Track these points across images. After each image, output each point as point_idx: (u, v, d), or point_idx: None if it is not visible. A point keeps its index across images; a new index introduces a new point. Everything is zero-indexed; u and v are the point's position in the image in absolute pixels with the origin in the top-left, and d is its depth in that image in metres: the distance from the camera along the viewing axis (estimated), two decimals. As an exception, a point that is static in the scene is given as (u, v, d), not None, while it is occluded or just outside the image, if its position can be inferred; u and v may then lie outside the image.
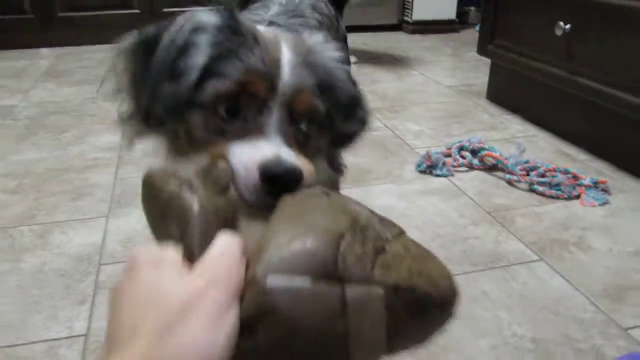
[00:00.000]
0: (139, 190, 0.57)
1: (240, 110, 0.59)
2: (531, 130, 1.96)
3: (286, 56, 0.60)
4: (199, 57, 0.58)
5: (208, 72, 0.58)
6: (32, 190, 1.56)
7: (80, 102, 2.33)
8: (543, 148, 1.81)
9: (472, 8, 3.91)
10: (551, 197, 1.48)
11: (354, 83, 0.72)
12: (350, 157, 1.72)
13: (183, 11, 0.65)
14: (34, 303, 1.09)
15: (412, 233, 1.36)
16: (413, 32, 3.73)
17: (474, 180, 1.59)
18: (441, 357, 0.95)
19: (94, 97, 2.37)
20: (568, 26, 1.69)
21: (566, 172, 1.53)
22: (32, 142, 1.91)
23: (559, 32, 1.71)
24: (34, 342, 0.99)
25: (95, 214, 1.42)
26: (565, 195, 1.47)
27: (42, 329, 1.02)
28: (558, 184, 1.49)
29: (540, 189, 1.50)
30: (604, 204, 1.44)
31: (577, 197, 1.47)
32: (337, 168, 0.77)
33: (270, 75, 0.59)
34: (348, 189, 1.52)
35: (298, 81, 0.60)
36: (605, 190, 1.49)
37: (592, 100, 1.66)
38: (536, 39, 1.86)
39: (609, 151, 1.69)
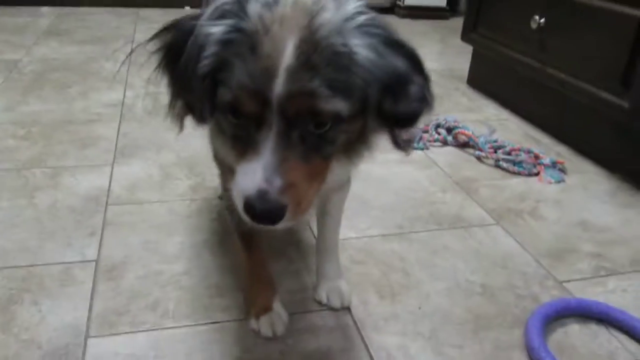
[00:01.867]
0: (141, 143, 0.66)
1: (246, 122, 0.60)
2: (504, 114, 2.13)
3: (287, 57, 0.57)
4: (204, 68, 0.60)
5: (219, 80, 0.60)
6: (41, 138, 1.69)
7: (82, 61, 2.45)
8: (513, 131, 1.98)
9: (462, -4, 4.05)
10: (514, 173, 1.65)
11: (409, 57, 0.66)
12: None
13: None
14: (49, 233, 1.24)
15: (389, 195, 1.56)
16: (405, 16, 3.86)
17: (446, 155, 1.75)
18: (403, 295, 1.11)
19: (96, 57, 2.49)
20: (542, 20, 1.84)
21: (529, 151, 1.70)
22: (38, 95, 2.03)
23: (534, 25, 1.87)
24: (51, 264, 1.14)
25: (101, 162, 1.56)
26: (526, 172, 1.64)
27: (58, 253, 1.17)
28: (521, 162, 1.66)
29: (505, 165, 1.66)
30: (559, 182, 1.62)
31: (537, 174, 1.64)
32: (400, 146, 0.72)
33: (263, 87, 0.57)
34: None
35: (294, 87, 0.56)
36: (562, 170, 1.67)
37: (558, 90, 1.83)
38: (514, 30, 2.01)
39: (571, 136, 1.86)
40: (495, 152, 1.71)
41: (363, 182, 1.54)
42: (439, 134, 1.83)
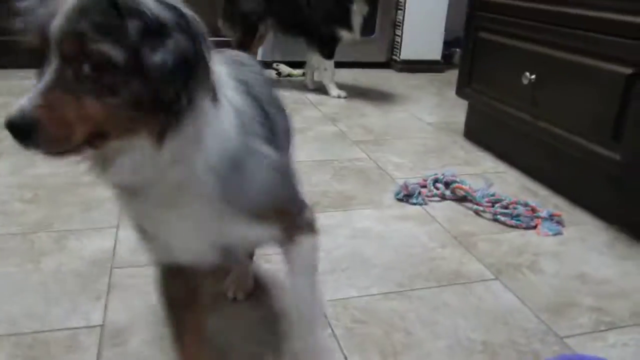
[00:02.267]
0: None
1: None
2: (501, 166, 2.17)
3: (66, 4, 0.62)
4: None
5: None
6: (47, 201, 1.73)
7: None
8: (510, 183, 2.01)
9: (457, 50, 4.17)
10: (512, 226, 1.67)
11: (177, 14, 0.65)
12: (336, 185, 1.90)
13: None
14: (55, 297, 1.25)
15: (388, 253, 1.59)
16: (401, 70, 3.97)
17: (444, 209, 1.78)
18: (405, 354, 1.12)
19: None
20: (533, 76, 1.91)
21: (526, 204, 1.73)
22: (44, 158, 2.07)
23: (525, 81, 1.93)
24: (56, 330, 1.15)
25: (106, 224, 1.59)
26: (524, 225, 1.67)
27: (64, 319, 1.18)
28: (518, 215, 1.69)
29: (503, 219, 1.69)
30: (556, 234, 1.64)
31: (535, 227, 1.67)
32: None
33: (43, 28, 0.63)
34: (333, 212, 1.71)
35: (65, 28, 0.61)
36: (560, 223, 1.69)
37: (552, 143, 1.87)
38: (507, 85, 2.08)
39: (567, 188, 1.89)
40: (493, 205, 1.74)
41: (363, 239, 1.57)
42: (437, 188, 1.86)
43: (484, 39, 2.22)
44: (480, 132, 2.40)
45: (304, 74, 3.53)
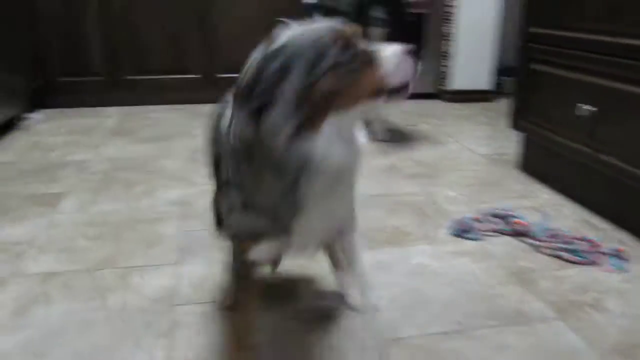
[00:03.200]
0: (203, 242, 0.71)
1: None
2: (558, 199, 2.13)
3: None
4: None
5: None
6: (110, 237, 1.79)
7: (145, 159, 2.60)
8: (568, 216, 1.96)
9: (507, 78, 4.13)
10: (574, 262, 1.63)
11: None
12: (390, 220, 1.90)
13: (236, 77, 0.86)
14: (120, 335, 1.29)
15: (446, 289, 1.57)
16: (450, 100, 3.96)
17: (502, 245, 1.75)
18: (467, 397, 1.10)
19: (158, 155, 2.65)
20: (592, 108, 1.87)
21: (583, 239, 1.69)
22: (107, 194, 2.16)
23: (584, 113, 1.90)
24: (122, 367, 1.19)
25: (167, 261, 1.64)
26: (587, 261, 1.62)
27: (129, 355, 1.22)
28: (580, 250, 1.64)
29: (564, 255, 1.65)
30: (621, 270, 1.59)
31: (597, 263, 1.62)
32: None
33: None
34: (390, 248, 1.71)
35: None
36: (624, 258, 1.64)
37: (614, 175, 1.82)
38: (564, 117, 2.04)
39: (631, 222, 1.83)
40: (553, 241, 1.70)
41: (420, 275, 1.56)
42: (494, 223, 1.84)
43: (538, 70, 2.20)
44: (536, 164, 2.36)
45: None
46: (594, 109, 1.87)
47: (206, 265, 1.61)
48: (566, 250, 1.66)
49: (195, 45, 3.73)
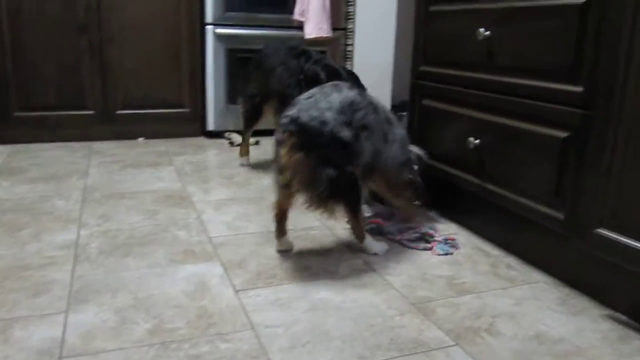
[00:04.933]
0: (96, 287, 0.68)
1: None
2: (454, 229, 2.22)
3: None
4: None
5: None
6: (-9, 287, 1.65)
7: (34, 200, 2.45)
8: (463, 244, 2.05)
9: (404, 114, 4.30)
10: (411, 248, 2.01)
11: None
12: (290, 255, 1.89)
13: (135, 113, 0.84)
14: (-1, 395, 1.18)
15: (348, 324, 1.58)
16: (351, 134, 4.05)
17: (402, 275, 1.79)
18: None
19: (48, 195, 2.49)
20: (477, 141, 1.99)
21: (424, 232, 2.09)
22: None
23: (470, 146, 2.01)
24: None
25: (54, 310, 1.52)
26: (421, 247, 2.01)
27: (8, 418, 1.11)
28: (420, 239, 2.05)
29: (410, 244, 2.03)
30: (447, 254, 1.96)
31: (431, 249, 2.00)
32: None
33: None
34: (288, 285, 1.70)
35: None
36: (453, 245, 2.01)
37: (501, 204, 1.93)
38: (455, 150, 2.15)
39: (518, 247, 1.95)
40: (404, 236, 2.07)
41: (321, 311, 1.55)
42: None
43: (429, 106, 2.31)
44: (432, 195, 2.46)
45: (257, 142, 3.57)
46: (479, 141, 1.98)
47: (97, 312, 1.52)
48: (410, 239, 2.05)
49: (91, 80, 3.59)
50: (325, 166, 1.68)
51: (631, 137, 1.42)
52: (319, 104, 1.71)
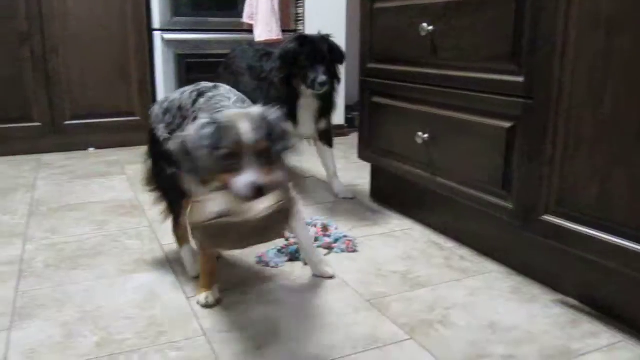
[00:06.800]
0: (42, 302, 0.65)
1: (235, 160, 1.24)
2: (408, 224, 2.23)
3: (246, 128, 1.25)
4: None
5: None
6: None
7: (-22, 217, 2.35)
8: (417, 239, 2.06)
9: (357, 113, 4.31)
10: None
11: (283, 126, 1.35)
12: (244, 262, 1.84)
13: (84, 123, 0.81)
14: None
15: (303, 323, 1.55)
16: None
17: (355, 273, 1.79)
18: None
19: (-7, 212, 2.40)
20: (426, 135, 2.00)
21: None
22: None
23: (419, 141, 2.02)
24: None
25: (-4, 329, 1.46)
26: (325, 246, 1.97)
27: None
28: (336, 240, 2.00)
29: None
30: (344, 252, 1.79)
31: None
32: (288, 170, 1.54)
33: (239, 142, 1.23)
34: (244, 288, 1.67)
35: (254, 138, 1.24)
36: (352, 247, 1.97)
37: (451, 197, 1.95)
38: (404, 145, 2.16)
39: (470, 239, 1.97)
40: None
41: (275, 313, 1.53)
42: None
43: (378, 103, 2.32)
44: (385, 192, 2.47)
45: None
46: (428, 135, 2.00)
47: (42, 327, 1.46)
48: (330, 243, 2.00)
49: (36, 91, 3.47)
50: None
51: (570, 125, 1.44)
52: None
